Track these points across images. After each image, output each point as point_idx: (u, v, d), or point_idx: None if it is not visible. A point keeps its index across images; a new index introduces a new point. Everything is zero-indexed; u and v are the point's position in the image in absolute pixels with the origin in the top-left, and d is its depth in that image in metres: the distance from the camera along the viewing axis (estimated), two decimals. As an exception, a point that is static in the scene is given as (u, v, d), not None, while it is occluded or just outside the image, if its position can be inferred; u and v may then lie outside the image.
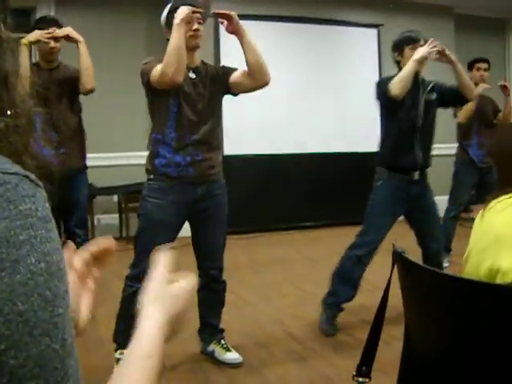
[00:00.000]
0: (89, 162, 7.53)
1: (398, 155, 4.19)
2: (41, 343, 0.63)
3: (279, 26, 8.36)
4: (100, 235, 6.03)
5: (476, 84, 5.83)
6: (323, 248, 6.77)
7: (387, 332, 2.06)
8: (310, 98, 8.26)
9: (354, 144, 8.29)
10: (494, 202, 1.36)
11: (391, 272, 1.58)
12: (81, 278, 1.10)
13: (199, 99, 3.51)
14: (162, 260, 1.02)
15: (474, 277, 1.33)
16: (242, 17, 8.35)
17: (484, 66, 6.39)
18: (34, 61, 4.93)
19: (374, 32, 8.99)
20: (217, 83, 3.61)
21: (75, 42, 4.50)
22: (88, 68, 4.53)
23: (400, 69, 4.19)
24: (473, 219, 1.44)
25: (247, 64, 3.65)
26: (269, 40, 8.26)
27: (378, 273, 5.27)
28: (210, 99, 3.57)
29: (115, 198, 7.78)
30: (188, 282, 1.02)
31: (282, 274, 5.69)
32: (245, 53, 3.67)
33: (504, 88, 6.22)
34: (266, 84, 3.77)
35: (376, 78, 8.82)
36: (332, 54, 8.57)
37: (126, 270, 3.51)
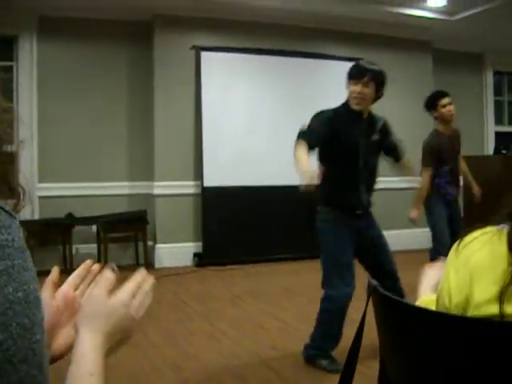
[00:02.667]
0: (68, 192, 7.58)
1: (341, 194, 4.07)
2: (20, 370, 0.64)
3: (260, 59, 8.44)
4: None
5: (447, 121, 5.85)
6: (301, 280, 6.77)
7: (364, 363, 2.08)
8: (290, 130, 8.30)
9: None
10: (469, 237, 1.38)
11: (366, 305, 1.60)
12: (69, 308, 1.13)
13: None
14: (101, 279, 1.07)
15: (448, 310, 1.35)
16: (224, 49, 8.51)
17: (447, 100, 5.93)
18: None
19: (353, 66, 9.09)
20: None
21: None
22: None
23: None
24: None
25: None
26: (249, 72, 8.35)
27: (355, 305, 5.31)
28: None
29: (94, 227, 7.75)
30: (122, 295, 1.05)
31: (260, 306, 5.68)
32: None
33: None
34: None
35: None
36: (312, 87, 8.64)
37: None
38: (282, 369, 4.04)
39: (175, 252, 7.87)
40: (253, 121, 8.08)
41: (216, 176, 7.83)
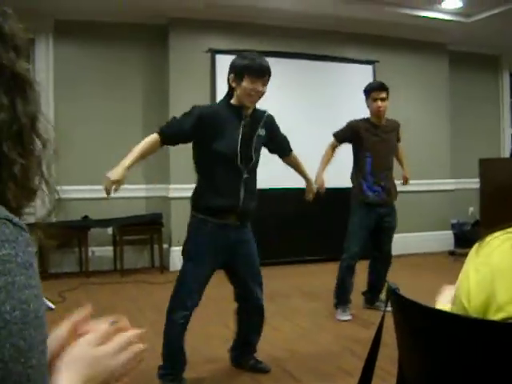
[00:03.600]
0: (84, 194, 7.60)
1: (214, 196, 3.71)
2: None
3: (276, 62, 8.39)
4: (94, 267, 6.06)
5: (376, 115, 5.39)
6: (318, 282, 6.75)
7: (382, 368, 2.06)
8: (305, 132, 8.29)
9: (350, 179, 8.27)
10: (490, 237, 1.37)
11: (384, 308, 1.59)
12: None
13: None
14: (101, 327, 0.97)
15: (466, 311, 1.33)
16: (240, 52, 8.49)
17: (381, 95, 5.36)
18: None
19: (369, 68, 9.06)
20: None
21: None
22: None
23: None
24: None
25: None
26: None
27: (372, 310, 5.30)
28: None
29: (110, 230, 7.77)
30: (110, 345, 0.95)
31: (276, 308, 5.67)
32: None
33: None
34: None
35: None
36: (328, 90, 8.62)
37: (118, 302, 3.50)
38: (296, 371, 4.02)
39: (190, 255, 7.86)
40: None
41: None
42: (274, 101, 8.38)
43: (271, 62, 8.43)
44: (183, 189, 7.66)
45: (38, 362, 0.64)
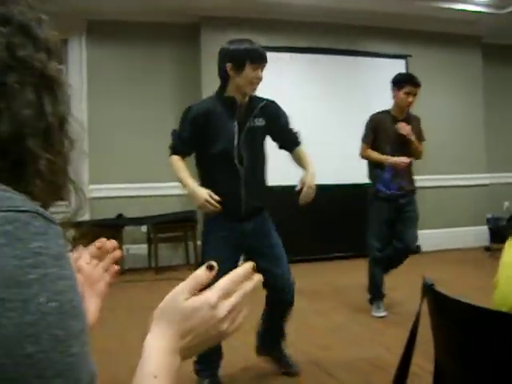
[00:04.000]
0: (118, 192, 7.66)
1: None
2: None
3: (308, 58, 8.41)
4: (129, 265, 6.13)
5: (402, 108, 5.34)
6: (348, 278, 6.72)
7: (418, 364, 2.05)
8: (337, 128, 8.27)
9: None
10: None
11: (420, 304, 1.58)
12: (90, 281, 1.14)
13: None
14: (196, 274, 0.92)
15: (503, 304, 1.31)
16: (271, 49, 8.49)
17: (415, 90, 5.31)
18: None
19: (401, 63, 8.99)
20: None
21: None
22: None
23: None
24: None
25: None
26: (297, 71, 8.33)
27: (407, 305, 5.25)
28: None
29: (144, 228, 7.82)
30: (209, 294, 0.90)
31: (309, 305, 5.66)
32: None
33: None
34: None
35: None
36: (360, 85, 8.58)
37: (154, 300, 3.53)
38: (331, 367, 4.01)
39: (224, 251, 7.89)
40: (300, 120, 8.03)
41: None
42: (304, 97, 8.40)
43: (303, 57, 8.48)
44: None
45: (79, 350, 0.65)
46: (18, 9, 0.78)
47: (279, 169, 8.02)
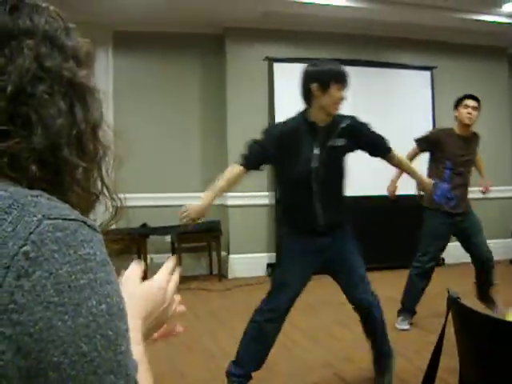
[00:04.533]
0: (143, 202, 7.71)
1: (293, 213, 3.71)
2: (106, 381, 0.66)
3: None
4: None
5: (465, 124, 5.31)
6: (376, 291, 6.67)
7: (441, 378, 2.03)
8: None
9: (408, 187, 8.11)
10: None
11: (446, 317, 1.57)
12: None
13: None
14: (134, 266, 1.13)
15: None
16: (297, 60, 8.53)
17: (472, 103, 5.37)
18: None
19: (427, 74, 8.96)
20: None
21: None
22: None
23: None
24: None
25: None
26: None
27: (430, 318, 5.22)
28: None
29: (168, 237, 7.85)
30: (154, 281, 1.11)
31: (333, 316, 5.64)
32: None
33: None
34: None
35: (430, 121, 8.78)
36: (385, 96, 8.56)
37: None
38: (354, 380, 3.99)
39: (248, 262, 7.89)
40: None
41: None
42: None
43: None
44: (240, 197, 7.69)
45: (126, 348, 0.70)
46: (43, 19, 0.80)
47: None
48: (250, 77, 8.08)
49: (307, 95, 3.58)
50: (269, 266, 7.94)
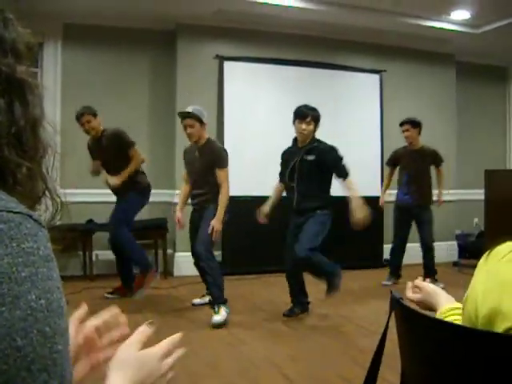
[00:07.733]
0: (89, 198, 7.61)
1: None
2: (39, 379, 0.64)
3: (283, 69, 8.44)
4: (98, 271, 6.06)
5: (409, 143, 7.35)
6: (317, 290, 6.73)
7: (384, 378, 2.05)
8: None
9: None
10: (498, 248, 1.36)
11: (388, 318, 1.58)
12: (87, 345, 1.12)
13: None
14: (140, 330, 1.09)
15: (472, 318, 1.32)
16: (247, 59, 8.52)
17: (405, 127, 7.28)
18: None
19: (376, 78, 9.07)
20: None
21: None
22: None
23: None
24: (474, 266, 1.43)
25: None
26: (272, 82, 8.36)
27: (375, 318, 5.28)
28: None
29: (114, 234, 7.76)
30: (157, 349, 1.08)
31: (279, 315, 5.67)
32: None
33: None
34: None
35: (378, 123, 8.90)
36: (334, 98, 8.63)
37: (125, 307, 3.50)
38: (298, 378, 4.01)
39: (194, 260, 7.86)
40: (275, 131, 8.07)
41: (236, 185, 7.80)
42: (279, 108, 8.42)
43: (276, 69, 8.65)
44: (188, 194, 7.64)
45: (63, 347, 0.68)
46: None
47: (247, 181, 8.07)
48: (201, 74, 8.07)
49: None
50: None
